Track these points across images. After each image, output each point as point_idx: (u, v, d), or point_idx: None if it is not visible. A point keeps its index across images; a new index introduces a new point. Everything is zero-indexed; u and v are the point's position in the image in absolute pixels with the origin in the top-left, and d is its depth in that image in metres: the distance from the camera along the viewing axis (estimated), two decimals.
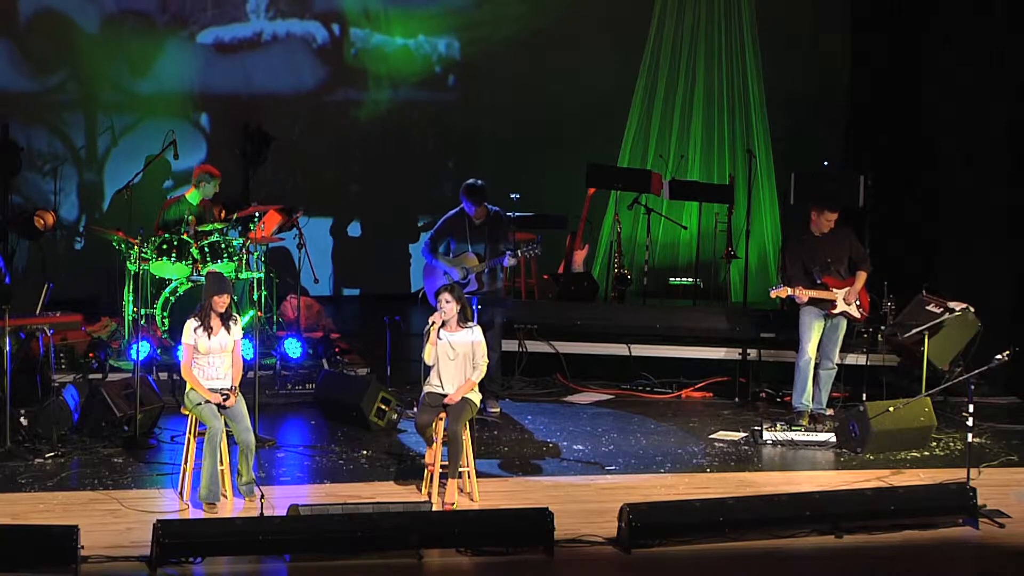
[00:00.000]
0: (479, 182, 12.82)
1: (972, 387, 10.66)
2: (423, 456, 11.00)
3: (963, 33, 15.19)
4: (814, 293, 12.54)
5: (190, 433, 10.48)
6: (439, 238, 12.89)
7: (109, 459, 11.40)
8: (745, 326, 14.05)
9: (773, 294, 12.68)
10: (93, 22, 16.79)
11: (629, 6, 17.47)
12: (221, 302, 10.42)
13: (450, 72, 17.93)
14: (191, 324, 10.41)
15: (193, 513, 10.22)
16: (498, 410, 12.99)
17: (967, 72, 15.10)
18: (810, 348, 12.65)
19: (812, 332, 12.63)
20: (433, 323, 10.66)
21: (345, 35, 17.54)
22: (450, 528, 9.68)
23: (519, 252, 12.80)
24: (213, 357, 10.40)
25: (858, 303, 12.65)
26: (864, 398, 13.26)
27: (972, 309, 12.89)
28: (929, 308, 12.97)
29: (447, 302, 10.66)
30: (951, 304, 12.88)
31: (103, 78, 16.70)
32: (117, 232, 13.74)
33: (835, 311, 12.60)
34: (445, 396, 10.64)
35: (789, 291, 12.51)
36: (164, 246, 13.74)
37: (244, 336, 10.75)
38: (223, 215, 14.29)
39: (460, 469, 10.56)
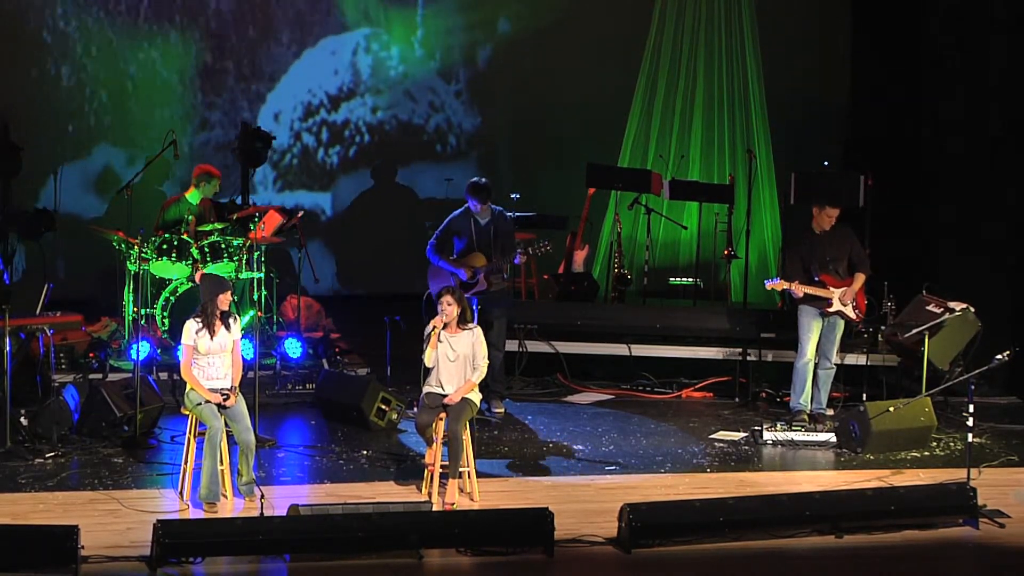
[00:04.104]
0: (483, 180, 12.83)
1: (972, 387, 10.66)
2: (423, 456, 11.00)
3: (963, 33, 15.19)
4: (811, 289, 12.54)
5: (190, 433, 10.47)
6: (445, 238, 12.86)
7: (109, 459, 11.39)
8: (745, 326, 14.06)
9: (769, 286, 12.72)
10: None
11: (629, 6, 17.48)
12: (225, 300, 10.44)
13: (450, 72, 17.93)
14: (191, 325, 10.41)
15: (193, 513, 10.22)
16: (502, 411, 12.98)
17: (967, 72, 15.10)
18: (809, 349, 12.65)
19: (811, 333, 12.63)
20: (435, 326, 10.65)
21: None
22: (450, 528, 9.68)
23: (529, 250, 12.79)
24: (213, 357, 10.40)
25: (854, 304, 12.65)
26: (864, 398, 13.27)
27: (972, 309, 12.89)
28: (929, 308, 12.96)
29: (449, 304, 10.66)
30: (951, 304, 12.87)
31: None
32: (117, 232, 13.74)
33: (831, 310, 12.60)
34: (445, 397, 10.64)
35: (785, 284, 12.52)
36: (164, 246, 13.73)
37: (244, 336, 10.75)
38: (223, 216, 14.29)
39: (460, 469, 10.55)
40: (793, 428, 12.35)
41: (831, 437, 12.29)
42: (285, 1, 17.38)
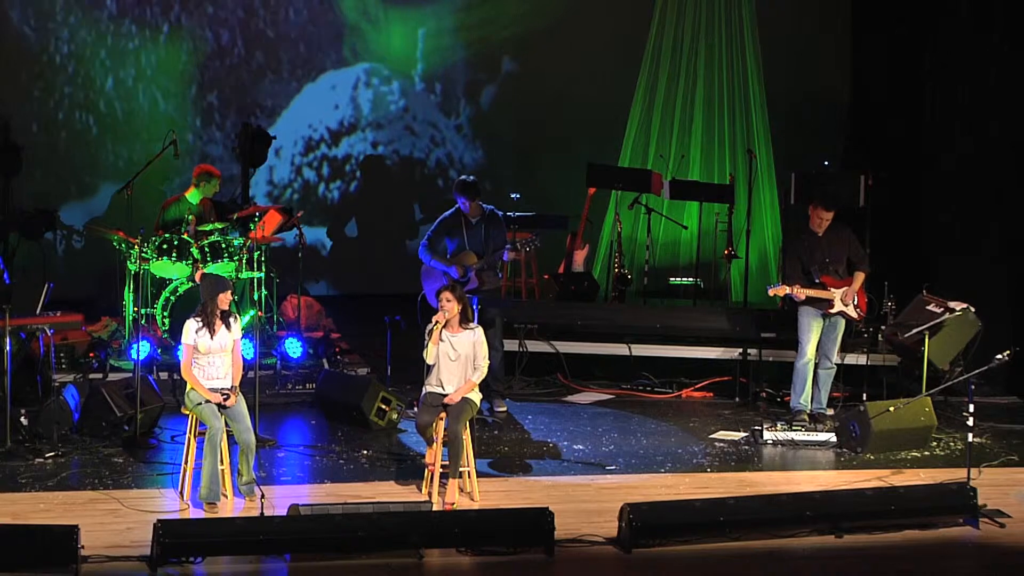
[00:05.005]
0: (471, 178, 12.85)
1: (972, 387, 10.66)
2: (423, 456, 11.00)
3: (964, 33, 15.19)
4: (812, 292, 12.54)
5: (190, 433, 10.47)
6: (437, 238, 12.86)
7: (109, 459, 11.39)
8: (745, 326, 14.06)
9: (771, 292, 12.69)
10: None
11: (630, 6, 17.48)
12: (226, 299, 10.45)
13: (451, 71, 17.92)
14: (192, 325, 10.41)
15: (193, 513, 10.22)
16: (504, 410, 12.99)
17: (967, 72, 15.10)
18: (809, 349, 12.65)
19: (811, 333, 12.63)
20: (437, 323, 10.65)
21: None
22: (450, 528, 9.68)
23: (518, 245, 12.81)
24: (214, 357, 10.40)
25: (855, 303, 12.65)
26: (864, 398, 13.26)
27: (972, 309, 12.88)
28: (929, 308, 12.96)
29: (448, 301, 10.65)
30: (951, 304, 12.87)
31: None
32: (117, 232, 13.74)
33: (832, 311, 12.60)
34: (445, 396, 10.64)
35: (787, 289, 12.51)
36: (164, 246, 13.74)
37: (244, 336, 10.76)
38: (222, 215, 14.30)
39: (460, 469, 10.55)
40: (793, 428, 12.35)
41: (831, 437, 12.28)
42: (286, 35, 17.35)
